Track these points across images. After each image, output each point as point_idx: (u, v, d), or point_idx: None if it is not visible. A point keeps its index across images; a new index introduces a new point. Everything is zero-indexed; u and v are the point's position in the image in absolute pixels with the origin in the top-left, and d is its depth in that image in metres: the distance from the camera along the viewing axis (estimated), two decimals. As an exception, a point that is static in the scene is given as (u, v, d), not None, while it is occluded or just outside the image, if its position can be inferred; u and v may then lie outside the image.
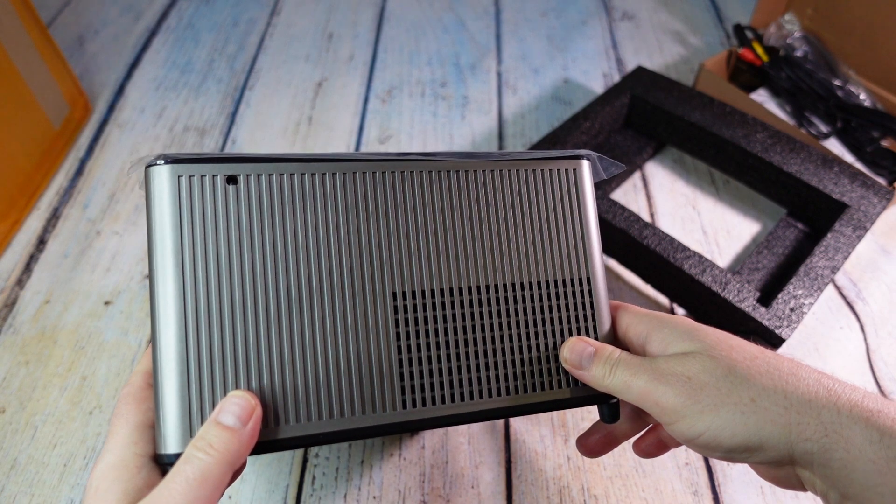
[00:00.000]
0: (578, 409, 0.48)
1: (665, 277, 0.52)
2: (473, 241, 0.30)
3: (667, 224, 0.61)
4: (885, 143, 0.63)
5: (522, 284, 0.31)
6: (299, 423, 0.27)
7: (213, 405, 0.26)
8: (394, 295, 0.28)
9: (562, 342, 0.31)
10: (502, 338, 0.30)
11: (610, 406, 0.32)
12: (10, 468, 0.44)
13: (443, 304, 0.29)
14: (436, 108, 0.73)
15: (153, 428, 0.27)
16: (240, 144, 0.68)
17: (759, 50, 0.70)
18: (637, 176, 0.65)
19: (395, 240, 0.29)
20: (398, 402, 0.28)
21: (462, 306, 0.29)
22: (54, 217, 0.61)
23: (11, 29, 0.59)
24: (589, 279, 0.32)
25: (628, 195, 0.63)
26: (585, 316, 0.31)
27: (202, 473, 0.24)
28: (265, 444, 0.26)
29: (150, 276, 0.26)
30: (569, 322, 0.31)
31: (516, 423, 0.47)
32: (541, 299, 0.31)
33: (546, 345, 0.31)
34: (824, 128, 0.65)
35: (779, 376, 0.26)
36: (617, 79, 0.76)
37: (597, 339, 0.31)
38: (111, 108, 0.72)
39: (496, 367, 0.30)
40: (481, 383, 0.29)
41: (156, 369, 0.26)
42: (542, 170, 0.31)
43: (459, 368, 0.29)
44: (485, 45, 0.82)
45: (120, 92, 0.74)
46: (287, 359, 0.27)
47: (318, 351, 0.27)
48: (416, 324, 0.29)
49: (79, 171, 0.65)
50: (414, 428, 0.28)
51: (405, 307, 0.28)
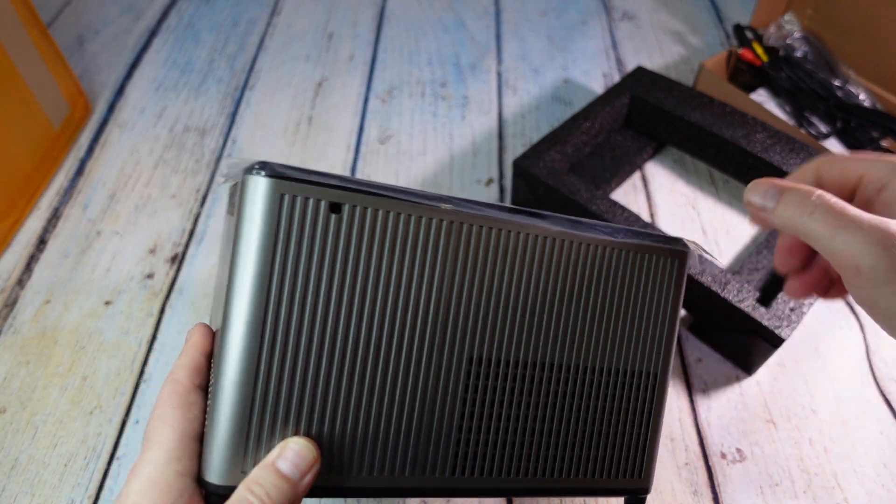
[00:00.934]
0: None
1: (665, 277, 0.52)
2: (562, 316, 0.29)
3: (667, 224, 0.61)
4: (884, 144, 0.63)
5: (600, 369, 0.29)
6: (350, 474, 0.26)
7: (273, 442, 0.24)
8: (470, 359, 0.27)
9: (615, 430, 0.30)
10: (565, 419, 0.29)
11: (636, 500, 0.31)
12: (10, 468, 0.44)
13: (515, 375, 0.28)
14: (436, 108, 0.73)
15: (198, 440, 0.25)
16: (240, 144, 0.68)
17: (759, 50, 0.70)
18: (637, 176, 0.65)
19: (486, 301, 0.27)
20: (449, 466, 0.27)
21: (533, 381, 0.28)
22: (55, 217, 0.61)
23: (11, 29, 0.59)
24: (657, 375, 0.31)
25: (628, 195, 0.63)
26: (644, 410, 0.31)
27: None
28: (324, 489, 0.25)
29: (229, 287, 0.24)
30: (628, 413, 0.30)
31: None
32: (609, 387, 0.30)
33: (602, 431, 0.30)
34: (824, 128, 0.65)
35: None
36: (617, 79, 0.76)
37: (648, 432, 0.31)
38: (111, 108, 0.72)
39: (554, 447, 0.29)
40: (533, 461, 0.29)
41: (218, 388, 0.24)
42: (647, 255, 0.30)
43: (515, 443, 0.28)
44: (485, 45, 0.82)
45: (120, 92, 0.74)
46: (353, 407, 0.25)
47: (385, 404, 0.26)
48: (486, 392, 0.27)
49: (79, 171, 0.65)
50: (458, 495, 0.27)
51: (478, 373, 0.27)
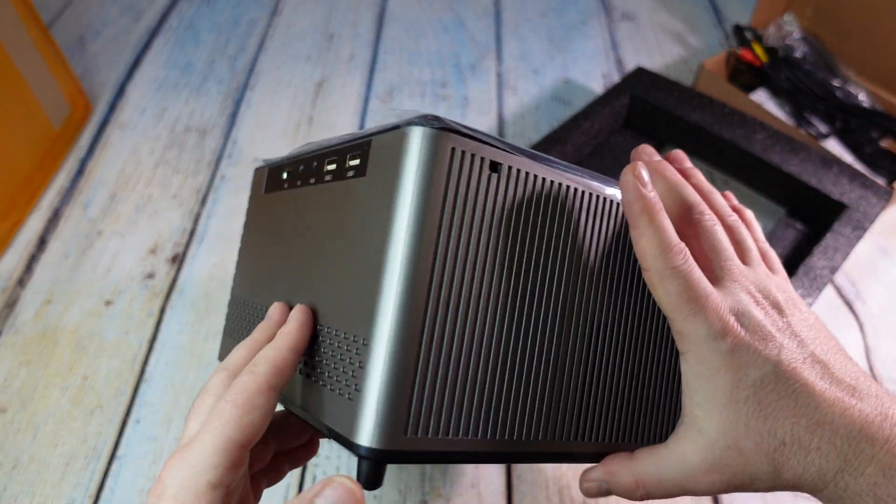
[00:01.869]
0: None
1: (665, 277, 0.52)
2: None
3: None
4: (884, 144, 0.63)
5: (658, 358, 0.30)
6: (515, 439, 0.25)
7: (443, 401, 0.23)
8: (594, 325, 0.28)
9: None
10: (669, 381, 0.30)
11: None
12: (11, 468, 0.44)
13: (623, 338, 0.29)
14: (436, 109, 0.73)
15: (246, 448, 0.23)
16: (241, 145, 0.68)
17: (759, 50, 0.70)
18: (637, 176, 0.65)
19: (607, 272, 0.27)
20: (574, 431, 0.27)
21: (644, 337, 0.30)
22: (55, 217, 0.61)
23: (12, 29, 0.59)
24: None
25: (628, 195, 0.63)
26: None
27: (247, 394, 0.22)
28: (495, 454, 0.25)
29: (389, 237, 0.23)
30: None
31: (516, 422, 0.47)
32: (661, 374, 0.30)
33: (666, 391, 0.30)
34: (823, 128, 0.65)
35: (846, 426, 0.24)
36: (617, 79, 0.76)
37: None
38: (112, 109, 0.72)
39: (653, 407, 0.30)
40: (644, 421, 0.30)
41: (374, 344, 0.22)
42: None
43: (617, 408, 0.29)
44: (485, 45, 0.82)
45: (121, 92, 0.74)
46: (511, 369, 0.25)
47: (526, 363, 0.25)
48: (605, 356, 0.28)
49: (79, 172, 0.65)
50: (584, 460, 0.28)
51: (602, 338, 0.28)
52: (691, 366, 0.26)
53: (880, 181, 0.59)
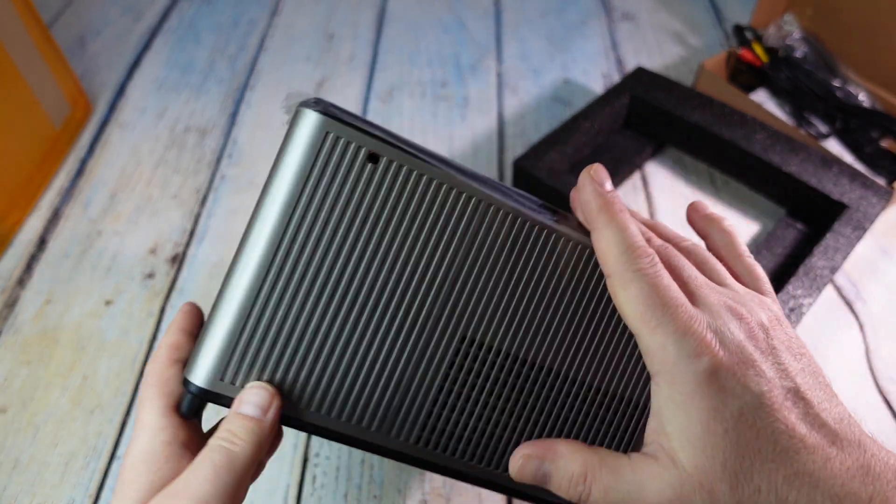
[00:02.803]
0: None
1: (665, 277, 0.52)
2: (570, 324, 0.28)
3: (666, 224, 0.61)
4: (884, 144, 0.63)
5: (589, 385, 0.28)
6: (325, 414, 0.26)
7: (260, 360, 0.25)
8: (463, 338, 0.27)
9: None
10: (541, 424, 0.28)
11: None
12: (11, 468, 0.44)
13: (503, 367, 0.27)
14: (436, 109, 0.73)
15: (175, 412, 0.26)
16: (241, 144, 0.68)
17: (759, 50, 0.70)
18: (637, 176, 0.65)
19: (496, 288, 0.27)
20: (415, 436, 0.27)
21: (519, 378, 0.28)
22: (55, 217, 0.61)
23: (12, 29, 0.59)
24: (647, 408, 0.28)
25: (628, 196, 0.63)
26: (625, 441, 0.29)
27: (229, 461, 0.24)
28: (288, 417, 0.26)
29: (257, 205, 0.25)
30: (606, 438, 0.29)
31: (516, 422, 0.47)
32: (594, 406, 0.28)
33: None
34: (824, 128, 0.65)
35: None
36: (617, 79, 0.76)
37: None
38: (112, 109, 0.72)
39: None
40: (499, 454, 0.28)
41: (220, 298, 0.25)
42: None
43: (487, 433, 0.28)
44: (485, 45, 0.82)
45: (121, 92, 0.74)
46: (339, 348, 0.26)
47: (370, 356, 0.26)
48: (469, 374, 0.27)
49: (80, 171, 0.65)
50: (421, 465, 0.28)
51: (468, 353, 0.27)
52: (663, 389, 0.23)
53: (880, 181, 0.59)
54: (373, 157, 0.25)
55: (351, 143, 0.25)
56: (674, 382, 0.22)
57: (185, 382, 0.26)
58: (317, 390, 0.26)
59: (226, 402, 0.26)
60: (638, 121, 0.65)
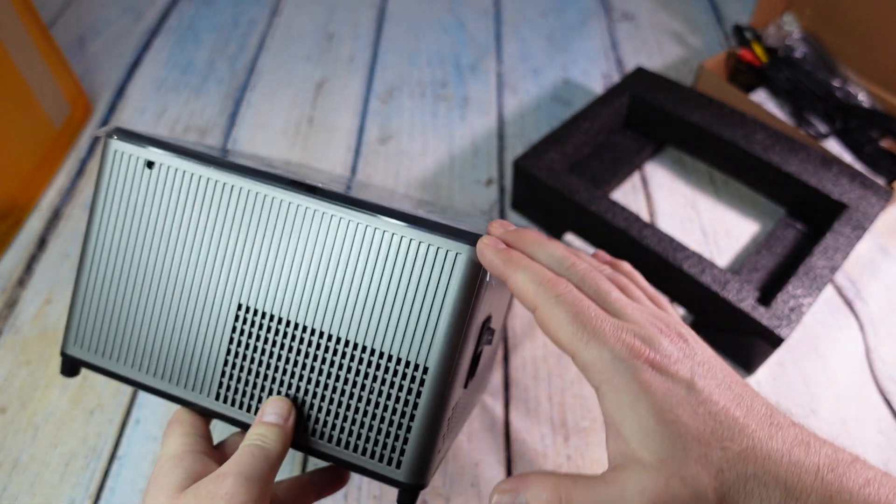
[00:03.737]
0: (580, 409, 0.48)
1: (665, 277, 0.52)
2: (335, 287, 0.31)
3: (666, 224, 0.61)
4: (884, 144, 0.63)
5: (363, 347, 0.30)
6: (145, 373, 0.33)
7: (96, 332, 0.33)
8: (239, 305, 0.32)
9: (373, 411, 0.30)
10: (323, 385, 0.31)
11: (402, 494, 0.32)
12: (11, 468, 0.44)
13: (279, 331, 0.31)
14: (436, 109, 0.73)
15: (206, 439, 0.32)
16: (241, 144, 0.68)
17: (759, 50, 0.70)
18: (637, 176, 0.65)
19: (263, 260, 0.31)
20: (213, 392, 0.32)
21: (295, 340, 0.31)
22: (55, 217, 0.61)
23: (12, 29, 0.59)
24: (427, 368, 0.30)
25: (628, 195, 0.63)
26: (411, 401, 0.30)
27: (264, 453, 0.28)
28: (113, 374, 0.33)
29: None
30: (389, 399, 0.30)
31: (516, 422, 0.47)
32: (370, 366, 0.30)
33: (358, 409, 0.31)
34: (823, 128, 0.65)
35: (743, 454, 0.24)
36: (617, 79, 0.76)
37: (415, 424, 0.30)
38: (112, 109, 0.72)
39: (311, 408, 0.31)
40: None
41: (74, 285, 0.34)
42: (430, 247, 0.30)
43: (271, 390, 0.32)
44: (485, 45, 0.82)
45: (121, 92, 0.74)
46: (150, 324, 0.33)
47: (172, 326, 0.32)
48: (250, 337, 0.32)
49: (80, 172, 0.65)
50: (225, 420, 0.32)
51: (245, 319, 0.32)
52: (610, 398, 0.24)
53: (880, 181, 0.59)
54: (150, 164, 0.32)
55: (132, 156, 0.32)
56: (617, 388, 0.24)
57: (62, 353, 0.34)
58: (140, 354, 0.33)
59: (80, 363, 0.34)
60: (638, 121, 0.65)
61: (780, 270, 0.54)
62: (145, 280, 0.32)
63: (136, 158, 0.32)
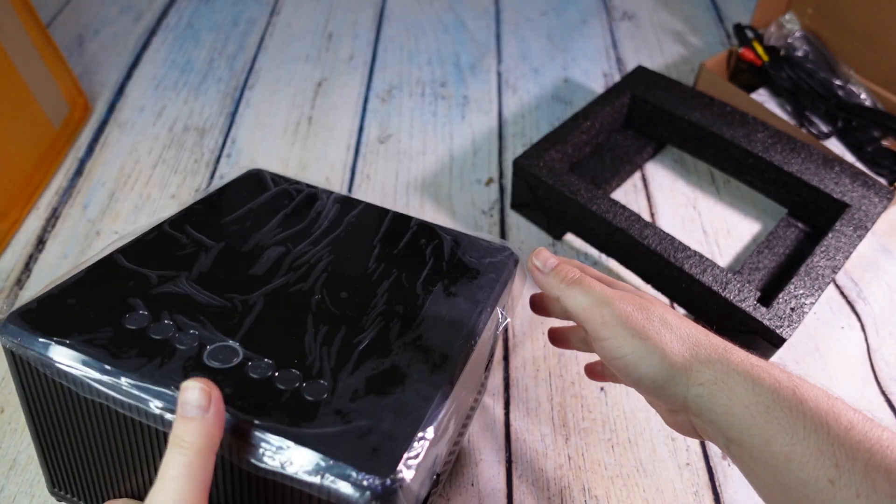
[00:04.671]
0: (580, 409, 0.48)
1: (665, 277, 0.52)
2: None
3: (667, 224, 0.60)
4: (885, 143, 0.63)
5: None
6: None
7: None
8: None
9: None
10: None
11: None
12: (9, 468, 0.44)
13: None
14: (436, 108, 0.73)
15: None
16: (239, 144, 0.68)
17: (760, 50, 0.70)
18: (637, 176, 0.65)
19: None
20: None
21: None
22: (54, 217, 0.61)
23: (11, 29, 0.59)
24: None
25: (628, 195, 0.63)
26: None
27: (185, 468, 0.25)
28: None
29: None
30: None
31: (516, 422, 0.47)
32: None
33: None
34: (825, 127, 0.65)
35: (695, 340, 0.31)
36: (617, 78, 0.76)
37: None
38: (111, 108, 0.72)
39: None
40: None
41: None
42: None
43: None
44: (485, 44, 0.82)
45: (120, 92, 0.74)
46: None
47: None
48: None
49: (78, 171, 0.65)
50: None
51: None
52: (613, 342, 0.32)
53: (882, 180, 0.58)
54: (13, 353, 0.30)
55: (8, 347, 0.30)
56: (615, 330, 0.32)
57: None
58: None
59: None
60: (638, 120, 0.65)
61: (782, 270, 0.54)
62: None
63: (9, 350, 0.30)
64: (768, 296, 0.49)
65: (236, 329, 0.31)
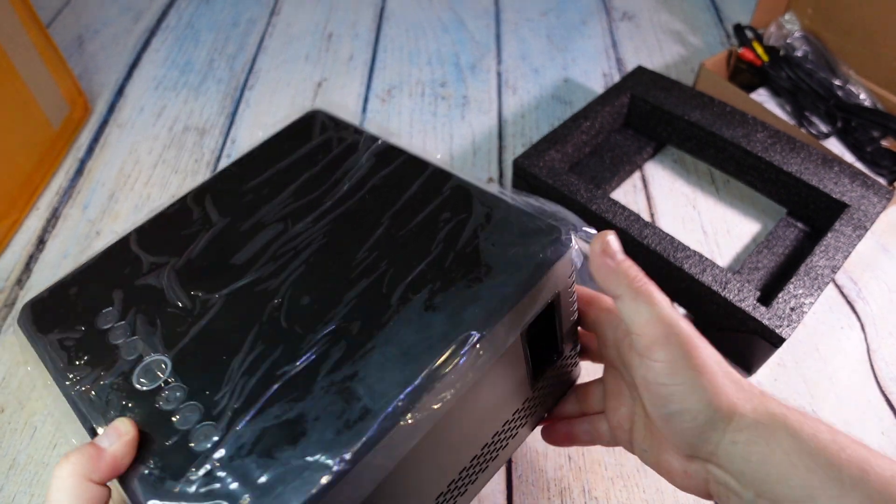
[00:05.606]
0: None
1: (665, 277, 0.51)
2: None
3: (667, 224, 0.61)
4: (885, 143, 0.63)
5: None
6: None
7: None
8: None
9: None
10: None
11: None
12: (9, 468, 0.44)
13: None
14: (436, 108, 0.73)
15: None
16: (239, 144, 0.68)
17: (760, 50, 0.70)
18: (637, 176, 0.65)
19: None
20: None
21: None
22: (54, 217, 0.61)
23: (11, 29, 0.59)
24: None
25: (628, 195, 0.63)
26: None
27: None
28: None
29: None
30: None
31: (516, 422, 0.47)
32: None
33: None
34: (824, 127, 0.65)
35: (738, 384, 0.29)
36: (617, 78, 0.76)
37: None
38: (111, 108, 0.72)
39: None
40: None
41: None
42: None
43: None
44: (485, 44, 0.82)
45: (119, 92, 0.74)
46: None
47: None
48: None
49: (78, 171, 0.65)
50: None
51: None
52: (666, 366, 0.29)
53: (881, 180, 0.58)
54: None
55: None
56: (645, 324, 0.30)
57: None
58: None
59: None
60: (638, 120, 0.65)
61: (781, 270, 0.54)
62: None
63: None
64: (768, 296, 0.49)
65: (180, 338, 0.28)
